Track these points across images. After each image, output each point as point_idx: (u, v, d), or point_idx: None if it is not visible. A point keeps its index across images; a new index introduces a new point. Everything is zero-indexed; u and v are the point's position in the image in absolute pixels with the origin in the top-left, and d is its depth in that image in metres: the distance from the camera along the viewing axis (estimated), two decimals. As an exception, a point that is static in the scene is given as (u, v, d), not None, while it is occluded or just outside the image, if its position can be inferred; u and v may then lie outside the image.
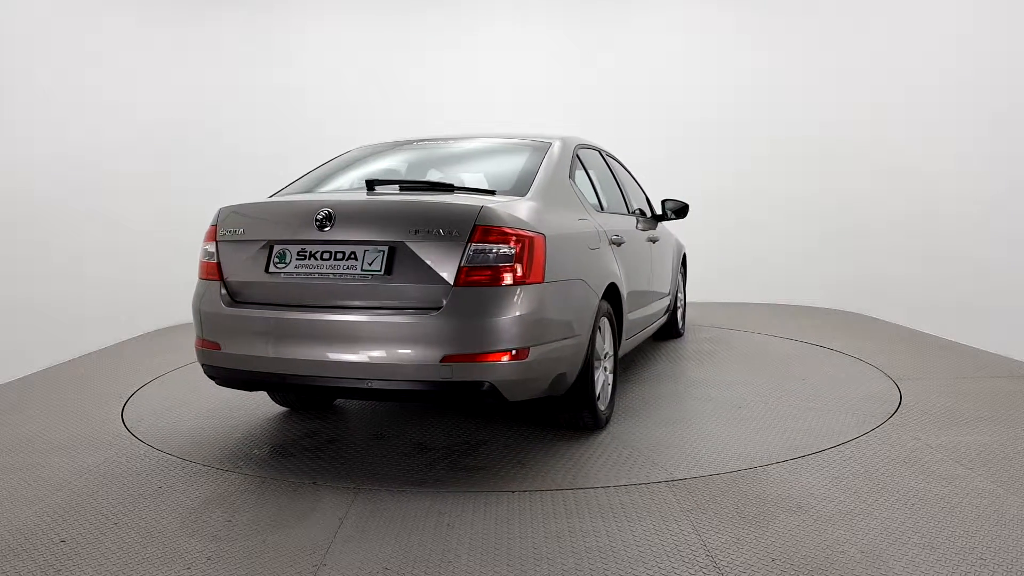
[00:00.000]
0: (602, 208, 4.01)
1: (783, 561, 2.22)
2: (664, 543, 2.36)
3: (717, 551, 2.30)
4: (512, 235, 2.81)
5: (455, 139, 4.14)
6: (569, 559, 2.26)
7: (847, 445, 3.29)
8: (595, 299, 3.34)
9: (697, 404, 4.01)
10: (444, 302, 2.74)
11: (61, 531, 2.50)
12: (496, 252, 2.77)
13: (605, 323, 3.58)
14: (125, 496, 2.80)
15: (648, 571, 2.18)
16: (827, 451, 3.22)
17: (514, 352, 2.77)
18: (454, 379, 2.73)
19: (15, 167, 5.13)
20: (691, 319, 6.81)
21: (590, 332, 3.27)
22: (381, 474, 3.01)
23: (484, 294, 2.74)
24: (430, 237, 2.78)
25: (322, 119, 7.70)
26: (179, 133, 7.14)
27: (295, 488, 2.86)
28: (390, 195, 3.15)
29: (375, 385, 2.81)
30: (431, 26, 8.03)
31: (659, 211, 5.22)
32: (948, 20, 5.99)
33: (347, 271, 2.87)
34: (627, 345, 4.19)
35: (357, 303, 2.85)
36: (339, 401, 4.10)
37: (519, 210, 2.96)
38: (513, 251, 2.79)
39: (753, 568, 2.18)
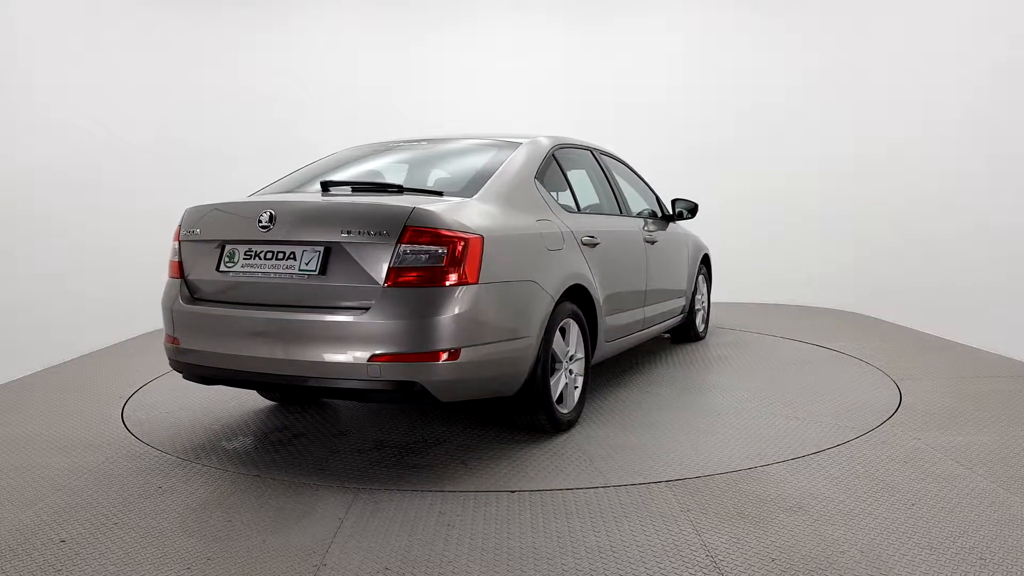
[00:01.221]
0: (579, 209, 3.97)
1: (783, 561, 2.22)
2: (664, 543, 2.36)
3: (717, 551, 2.30)
4: (443, 236, 2.82)
5: (434, 140, 4.15)
6: (569, 559, 2.26)
7: (847, 445, 3.29)
8: (548, 301, 3.27)
9: (675, 410, 3.92)
10: (373, 302, 2.78)
11: (61, 531, 2.50)
12: (425, 253, 2.80)
13: (571, 325, 3.53)
14: (125, 496, 2.80)
15: (648, 571, 2.18)
16: (827, 451, 3.22)
17: (444, 353, 2.79)
18: (383, 378, 2.77)
19: (15, 167, 5.13)
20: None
21: (541, 334, 3.22)
22: (327, 470, 3.03)
23: (412, 295, 2.77)
24: (363, 238, 2.84)
25: (323, 119, 7.70)
26: (180, 133, 7.14)
27: (295, 488, 2.87)
28: (334, 196, 3.23)
29: (312, 383, 2.88)
30: (430, 26, 8.03)
31: (670, 211, 5.15)
32: (949, 19, 5.99)
33: (286, 271, 2.96)
34: (612, 348, 4.11)
35: (295, 302, 2.94)
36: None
37: (456, 211, 2.96)
38: (444, 252, 2.81)
39: (753, 568, 2.18)
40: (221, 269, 3.13)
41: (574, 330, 3.57)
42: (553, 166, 3.86)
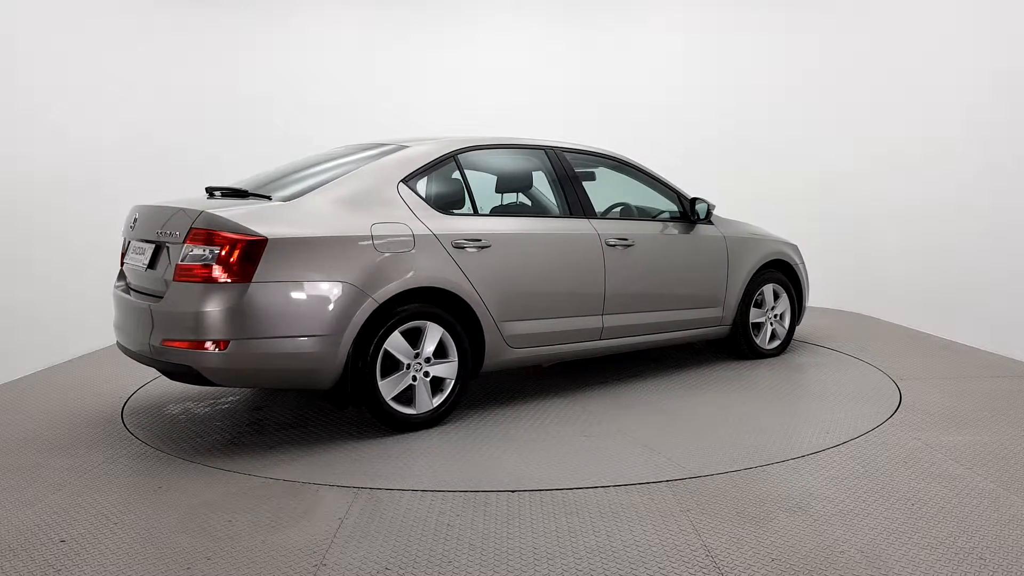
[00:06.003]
0: (475, 211, 3.90)
1: (783, 561, 2.22)
2: (664, 543, 2.36)
3: (717, 551, 2.30)
4: (219, 237, 3.15)
5: (355, 147, 4.16)
6: (569, 559, 2.26)
7: (847, 445, 3.29)
8: (368, 302, 3.30)
9: (561, 426, 3.61)
10: (164, 294, 3.28)
11: (61, 531, 2.50)
12: (201, 252, 3.18)
13: (429, 327, 3.50)
14: (125, 496, 2.80)
15: (648, 571, 2.19)
16: (827, 451, 3.22)
17: (209, 343, 3.13)
18: (168, 360, 3.23)
19: (16, 167, 5.14)
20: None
21: (354, 333, 3.28)
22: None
23: (186, 289, 3.20)
24: (169, 238, 3.34)
25: (320, 120, 7.70)
26: (178, 134, 7.13)
27: (295, 488, 2.87)
28: (206, 201, 3.63)
29: (142, 360, 3.45)
30: (431, 27, 8.03)
31: (689, 213, 4.84)
32: (950, 18, 5.99)
33: (137, 264, 3.60)
34: (531, 355, 3.93)
35: (140, 289, 3.57)
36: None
37: (245, 215, 3.25)
38: (217, 252, 3.14)
39: (753, 568, 2.18)
40: (124, 261, 3.85)
41: (432, 332, 3.52)
42: (447, 168, 3.89)
